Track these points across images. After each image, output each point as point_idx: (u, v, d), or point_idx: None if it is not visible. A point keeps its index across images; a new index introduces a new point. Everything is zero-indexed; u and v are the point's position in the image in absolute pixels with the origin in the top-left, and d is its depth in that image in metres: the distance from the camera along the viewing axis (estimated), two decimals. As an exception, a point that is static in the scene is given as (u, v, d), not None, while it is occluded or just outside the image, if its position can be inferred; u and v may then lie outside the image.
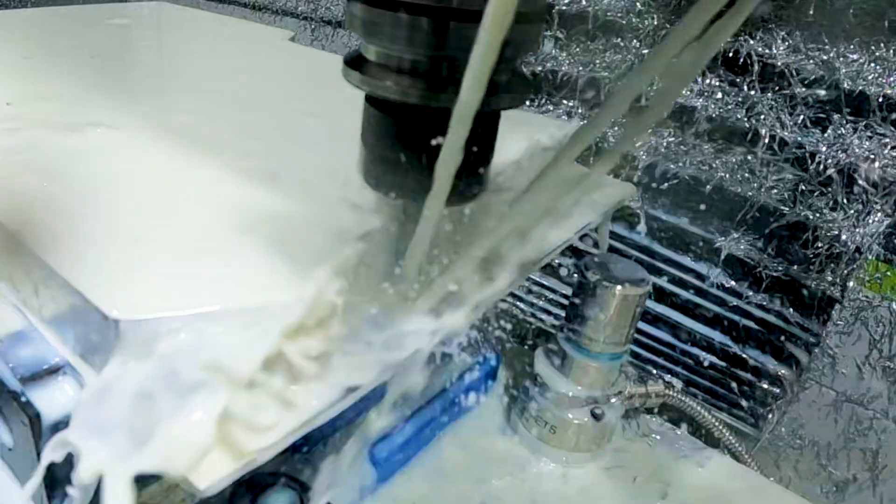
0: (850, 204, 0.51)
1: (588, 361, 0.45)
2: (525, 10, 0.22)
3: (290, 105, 0.49)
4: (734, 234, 0.57)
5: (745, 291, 0.58)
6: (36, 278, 0.28)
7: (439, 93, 0.22)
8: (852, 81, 0.49)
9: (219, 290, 0.26)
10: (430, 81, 0.22)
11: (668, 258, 0.60)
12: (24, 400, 0.27)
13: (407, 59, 0.23)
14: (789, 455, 0.58)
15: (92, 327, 0.25)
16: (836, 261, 0.53)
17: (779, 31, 0.51)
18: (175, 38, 0.68)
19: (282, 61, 0.62)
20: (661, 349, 0.63)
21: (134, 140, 0.40)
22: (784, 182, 0.53)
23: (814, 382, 0.55)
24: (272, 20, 0.89)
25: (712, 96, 0.55)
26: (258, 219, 0.32)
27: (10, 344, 0.29)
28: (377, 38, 0.23)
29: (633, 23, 0.57)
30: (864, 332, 0.52)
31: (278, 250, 0.29)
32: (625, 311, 0.43)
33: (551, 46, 0.61)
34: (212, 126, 0.44)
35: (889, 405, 0.53)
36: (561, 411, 0.46)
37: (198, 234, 0.31)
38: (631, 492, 0.46)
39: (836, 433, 0.55)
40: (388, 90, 0.23)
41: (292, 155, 0.40)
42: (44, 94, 0.46)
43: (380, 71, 0.23)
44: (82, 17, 0.71)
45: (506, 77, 0.24)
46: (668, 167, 0.58)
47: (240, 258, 0.29)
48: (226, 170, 0.37)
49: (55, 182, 0.34)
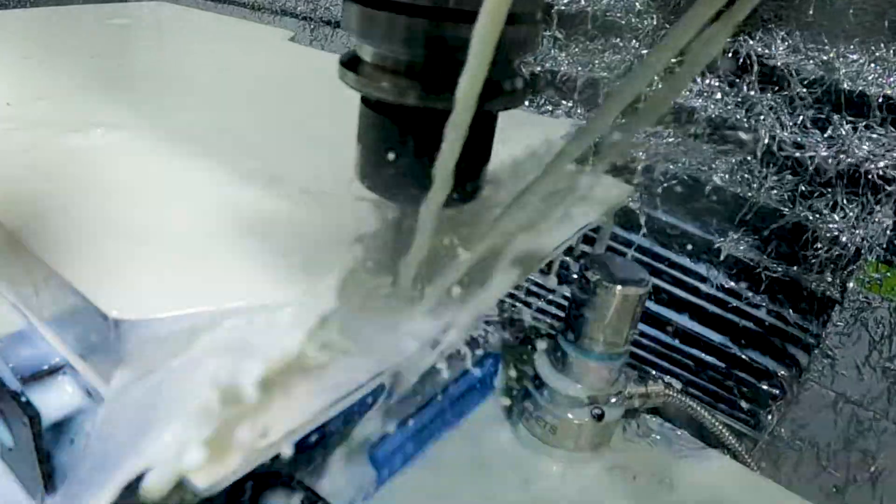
0: (849, 205, 0.51)
1: (588, 361, 0.45)
2: (522, 10, 0.22)
3: (291, 105, 0.49)
4: (734, 234, 0.57)
5: (744, 292, 0.57)
6: (36, 278, 0.28)
7: (436, 94, 0.22)
8: (852, 82, 0.49)
9: (219, 291, 0.26)
10: (426, 83, 0.22)
11: (667, 259, 0.60)
12: (24, 400, 0.27)
13: (403, 61, 0.22)
14: (789, 456, 0.58)
15: (92, 327, 0.25)
16: (835, 262, 0.53)
17: (778, 31, 0.51)
18: (175, 38, 0.68)
19: (282, 61, 0.62)
20: (660, 350, 0.63)
21: (134, 140, 0.40)
22: (784, 183, 0.53)
23: (813, 383, 0.55)
24: (271, 20, 0.89)
25: (712, 97, 0.55)
26: (258, 219, 0.32)
27: (10, 344, 0.29)
28: (372, 39, 0.23)
29: (633, 23, 0.57)
30: (863, 333, 0.52)
31: (278, 251, 0.29)
32: (625, 311, 0.43)
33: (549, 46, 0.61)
34: (212, 126, 0.44)
35: (889, 406, 0.53)
36: (561, 411, 0.46)
37: (198, 234, 0.31)
38: (631, 492, 0.46)
39: (836, 434, 0.55)
40: (383, 91, 0.23)
41: (294, 155, 0.40)
42: (44, 94, 0.46)
43: (375, 72, 0.23)
44: (82, 17, 0.71)
45: (503, 78, 0.24)
46: (667, 168, 0.58)
47: (240, 259, 0.29)
48: (226, 170, 0.37)
49: (55, 182, 0.34)
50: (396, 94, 0.22)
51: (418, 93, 0.22)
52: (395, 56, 0.23)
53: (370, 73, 0.23)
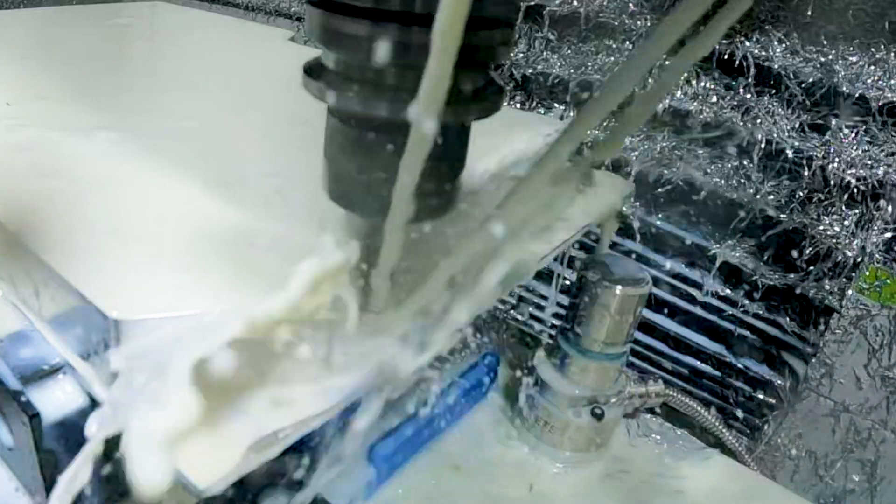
0: (848, 211, 0.51)
1: (588, 361, 0.45)
2: (491, 13, 0.21)
3: (292, 105, 0.49)
4: (729, 241, 0.56)
5: (740, 300, 0.57)
6: (36, 278, 0.28)
7: (401, 105, 0.20)
8: (851, 84, 0.48)
9: (219, 291, 0.26)
10: (392, 92, 0.21)
11: (662, 266, 0.60)
12: (24, 400, 0.27)
13: (368, 69, 0.21)
14: (786, 465, 0.57)
15: (92, 327, 0.25)
16: (833, 269, 0.52)
17: (776, 32, 0.51)
18: (175, 39, 0.68)
19: (283, 61, 0.62)
20: (654, 358, 0.62)
21: (134, 140, 0.40)
22: (781, 188, 0.53)
23: (811, 392, 0.55)
24: (265, 21, 0.89)
25: (707, 100, 0.55)
26: (259, 220, 0.32)
27: (10, 344, 0.29)
28: (337, 46, 0.21)
29: (626, 24, 0.57)
30: (862, 341, 0.52)
31: (279, 251, 0.29)
32: (625, 311, 0.43)
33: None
34: (213, 127, 0.44)
35: (888, 415, 0.52)
36: (561, 411, 0.46)
37: (198, 234, 0.31)
38: (631, 492, 0.46)
39: (834, 443, 0.55)
40: (348, 102, 0.21)
41: (295, 158, 0.40)
42: (43, 94, 0.46)
43: (340, 81, 0.22)
44: (82, 17, 0.71)
45: (474, 85, 0.22)
46: (661, 172, 0.58)
47: (240, 259, 0.29)
48: (226, 170, 0.37)
49: (55, 182, 0.34)
50: (361, 104, 0.21)
51: (383, 103, 0.21)
52: (359, 64, 0.21)
53: (334, 81, 0.22)
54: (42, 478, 0.28)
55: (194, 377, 0.21)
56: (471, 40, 0.17)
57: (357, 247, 0.24)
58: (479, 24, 0.20)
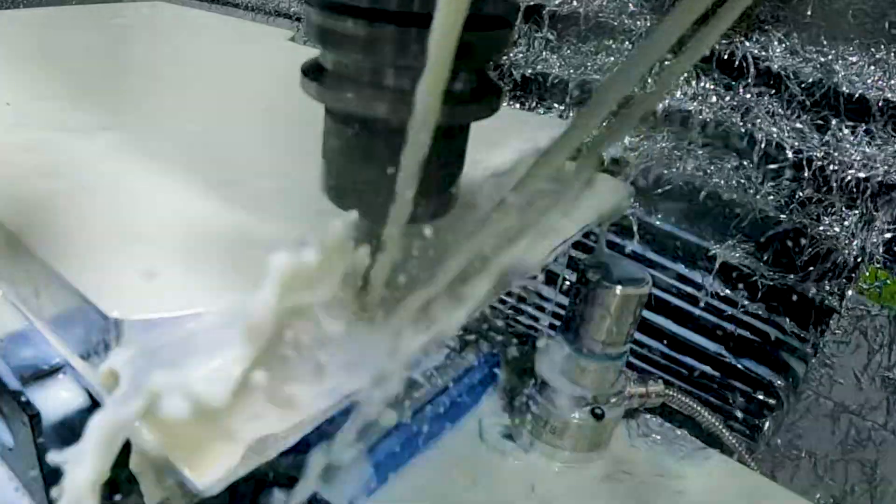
0: (849, 211, 0.51)
1: (588, 361, 0.45)
2: (489, 12, 0.21)
3: (291, 105, 0.49)
4: (729, 241, 0.56)
5: (740, 300, 0.57)
6: (36, 278, 0.28)
7: (400, 105, 0.20)
8: (851, 84, 0.48)
9: (219, 291, 0.26)
10: (390, 93, 0.21)
11: (661, 266, 0.60)
12: (24, 400, 0.27)
13: (366, 70, 0.21)
14: (786, 466, 0.57)
15: (92, 327, 0.25)
16: (834, 269, 0.52)
17: (776, 32, 0.51)
18: (176, 39, 0.68)
19: (282, 61, 0.62)
20: (653, 359, 0.62)
21: (134, 140, 0.40)
22: (781, 188, 0.53)
23: (811, 393, 0.55)
24: (265, 21, 0.89)
25: (707, 100, 0.55)
26: (259, 220, 0.32)
27: (10, 344, 0.29)
28: (334, 46, 0.21)
29: (626, 24, 0.57)
30: (862, 341, 0.51)
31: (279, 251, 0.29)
32: (625, 311, 0.43)
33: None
34: (213, 127, 0.44)
35: (888, 416, 0.52)
36: (561, 411, 0.46)
37: (198, 234, 0.31)
38: (631, 492, 0.46)
39: (834, 444, 0.55)
40: (346, 102, 0.21)
41: (295, 158, 0.40)
42: (43, 94, 0.46)
43: (338, 82, 0.22)
44: (82, 17, 0.71)
45: (471, 86, 0.22)
46: (661, 173, 0.57)
47: (240, 259, 0.29)
48: (227, 170, 0.37)
49: (55, 182, 0.34)
50: (359, 105, 0.21)
51: (381, 104, 0.21)
52: (357, 65, 0.21)
53: (332, 82, 0.22)
54: (42, 478, 0.28)
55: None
56: (469, 40, 0.17)
57: (355, 247, 0.24)
58: (477, 23, 0.19)
